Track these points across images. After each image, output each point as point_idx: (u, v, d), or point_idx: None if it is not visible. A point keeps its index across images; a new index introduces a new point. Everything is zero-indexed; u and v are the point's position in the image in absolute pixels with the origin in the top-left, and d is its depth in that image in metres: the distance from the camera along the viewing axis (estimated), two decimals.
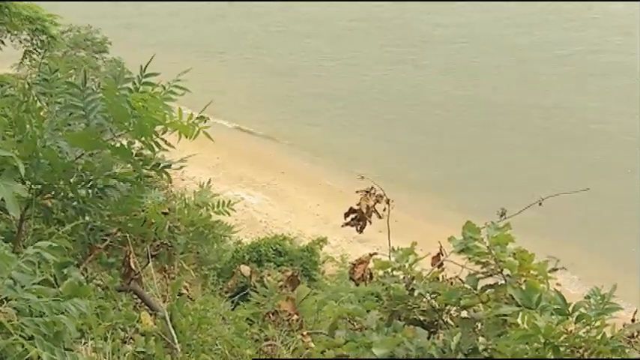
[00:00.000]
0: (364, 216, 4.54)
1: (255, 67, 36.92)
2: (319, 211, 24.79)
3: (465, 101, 32.03)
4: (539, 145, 28.15)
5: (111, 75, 3.99)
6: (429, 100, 32.51)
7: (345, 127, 31.33)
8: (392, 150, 29.09)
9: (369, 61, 36.19)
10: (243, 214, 23.11)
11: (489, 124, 30.19)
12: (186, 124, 3.76)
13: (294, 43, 38.55)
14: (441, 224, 22.37)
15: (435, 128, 30.44)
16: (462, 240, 3.57)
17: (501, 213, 3.94)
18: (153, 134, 3.79)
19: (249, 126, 31.67)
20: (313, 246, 17.44)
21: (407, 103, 32.61)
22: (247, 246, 17.37)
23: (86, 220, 4.32)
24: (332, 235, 20.93)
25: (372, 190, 4.56)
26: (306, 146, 29.82)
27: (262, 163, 28.42)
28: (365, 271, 4.36)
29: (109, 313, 4.16)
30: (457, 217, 23.63)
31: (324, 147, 29.67)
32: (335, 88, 34.25)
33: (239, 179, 27.24)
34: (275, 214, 24.57)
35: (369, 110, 32.38)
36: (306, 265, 16.90)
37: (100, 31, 23.11)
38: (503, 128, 29.92)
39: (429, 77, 34.38)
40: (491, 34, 37.28)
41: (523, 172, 26.05)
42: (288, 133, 30.75)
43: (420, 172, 27.15)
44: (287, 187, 26.62)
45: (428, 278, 3.77)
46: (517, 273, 3.46)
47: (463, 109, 31.50)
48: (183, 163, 4.08)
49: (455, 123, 30.68)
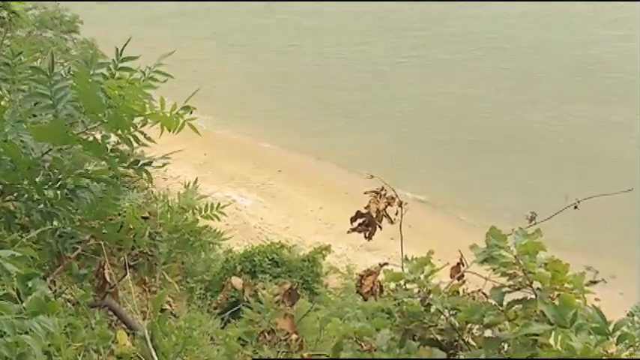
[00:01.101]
0: (374, 221, 4.52)
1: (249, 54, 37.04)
2: (322, 215, 24.82)
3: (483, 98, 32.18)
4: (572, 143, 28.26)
5: (82, 59, 3.98)
6: (441, 95, 32.62)
7: (351, 122, 31.41)
8: (405, 148, 29.15)
9: (374, 55, 36.35)
10: (234, 218, 23.15)
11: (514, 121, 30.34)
12: (170, 115, 3.75)
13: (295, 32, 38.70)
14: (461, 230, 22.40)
15: (452, 125, 30.55)
16: (485, 248, 3.55)
17: (531, 217, 3.92)
18: (131, 127, 3.78)
19: (241, 119, 31.74)
20: (315, 255, 17.46)
21: (418, 98, 32.72)
22: (239, 255, 17.39)
23: (54, 226, 4.32)
24: (336, 242, 20.95)
25: (383, 191, 4.54)
26: (306, 141, 29.86)
27: (256, 161, 28.46)
28: (374, 284, 4.35)
29: (80, 332, 4.15)
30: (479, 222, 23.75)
31: (327, 143, 29.72)
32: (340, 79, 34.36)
33: (230, 178, 27.28)
34: (271, 218, 24.60)
35: (379, 105, 32.48)
36: (306, 277, 16.91)
37: (69, 9, 23.08)
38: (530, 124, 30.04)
39: (440, 74, 34.59)
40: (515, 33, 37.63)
41: (556, 173, 26.11)
42: (285, 127, 30.83)
43: (437, 171, 27.22)
44: (285, 188, 26.65)
45: (446, 292, 3.75)
46: (549, 286, 3.44)
47: (481, 105, 31.64)
48: (166, 160, 4.07)
49: (474, 119, 30.78)
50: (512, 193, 24.93)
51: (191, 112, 3.83)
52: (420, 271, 3.80)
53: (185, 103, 3.83)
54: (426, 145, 29.25)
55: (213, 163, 28.22)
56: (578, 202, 4.21)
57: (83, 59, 3.92)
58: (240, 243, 20.76)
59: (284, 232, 23.45)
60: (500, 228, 3.61)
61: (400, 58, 36.16)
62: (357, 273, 4.62)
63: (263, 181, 27.12)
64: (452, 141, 29.39)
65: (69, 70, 4.04)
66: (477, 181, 26.64)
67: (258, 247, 17.71)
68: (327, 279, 18.05)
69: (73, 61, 3.87)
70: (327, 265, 18.37)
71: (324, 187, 26.58)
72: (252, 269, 16.91)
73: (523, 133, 29.64)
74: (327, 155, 28.87)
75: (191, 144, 23.60)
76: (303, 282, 16.77)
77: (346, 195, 24.53)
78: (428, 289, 3.75)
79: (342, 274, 18.16)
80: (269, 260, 17.11)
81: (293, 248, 18.80)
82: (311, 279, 16.99)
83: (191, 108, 3.84)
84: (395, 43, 37.49)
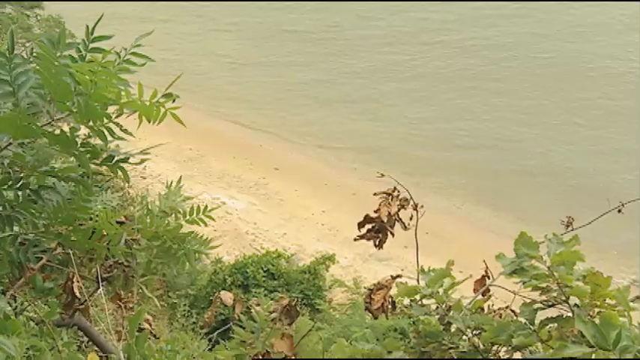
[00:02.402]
0: (385, 226, 4.52)
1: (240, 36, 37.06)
2: (325, 219, 24.85)
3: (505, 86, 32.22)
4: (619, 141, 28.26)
5: (47, 38, 3.98)
6: (461, 84, 32.65)
7: (358, 112, 31.42)
8: (419, 142, 29.15)
9: (378, 44, 36.42)
10: (224, 223, 23.19)
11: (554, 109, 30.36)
12: (149, 103, 3.76)
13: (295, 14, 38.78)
14: (485, 237, 22.38)
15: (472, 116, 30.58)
16: (514, 258, 3.56)
17: (567, 222, 3.92)
18: (104, 117, 3.78)
19: (232, 110, 31.77)
20: (317, 266, 17.51)
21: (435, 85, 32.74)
22: (230, 266, 17.45)
23: (15, 232, 4.32)
24: (342, 251, 21.00)
25: (396, 191, 4.54)
26: (307, 135, 29.87)
27: (250, 157, 28.50)
28: (385, 300, 4.36)
29: (45, 355, 4.16)
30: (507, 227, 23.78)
31: (330, 137, 29.74)
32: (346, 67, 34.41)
33: (219, 177, 27.33)
34: (266, 223, 24.63)
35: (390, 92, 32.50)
36: (307, 292, 16.96)
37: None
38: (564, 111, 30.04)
39: (455, 60, 34.65)
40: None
41: (595, 173, 26.09)
42: (283, 119, 30.85)
43: (456, 170, 27.19)
44: (282, 189, 26.68)
45: (469, 309, 3.76)
46: (589, 302, 3.45)
47: (506, 94, 31.67)
48: (146, 155, 4.07)
49: (499, 108, 30.81)
50: (547, 194, 24.93)
51: (174, 99, 3.84)
52: (438, 285, 3.81)
53: (167, 89, 3.83)
54: (446, 139, 29.25)
55: (199, 159, 28.29)
56: (622, 205, 4.20)
57: (48, 39, 3.92)
58: (231, 252, 20.83)
59: (281, 239, 23.48)
60: (531, 234, 3.62)
61: (417, 45, 36.17)
62: (365, 287, 4.63)
63: (257, 181, 27.16)
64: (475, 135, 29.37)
65: (31, 51, 4.04)
66: (505, 179, 26.63)
67: (251, 257, 17.77)
68: (330, 293, 18.11)
69: (36, 41, 3.86)
70: (330, 278, 18.41)
71: (328, 188, 26.61)
72: (245, 282, 16.95)
73: (562, 125, 29.61)
74: (330, 151, 28.89)
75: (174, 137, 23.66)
76: (303, 297, 16.82)
77: (353, 196, 24.56)
78: (448, 305, 3.76)
79: (349, 288, 18.21)
80: (264, 272, 17.15)
81: (292, 258, 18.87)
82: (312, 293, 17.04)
83: (174, 95, 3.84)
84: (405, 29, 37.53)
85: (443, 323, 3.72)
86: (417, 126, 30.20)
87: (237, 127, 30.81)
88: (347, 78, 33.66)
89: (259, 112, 31.57)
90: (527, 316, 3.55)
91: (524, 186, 26.11)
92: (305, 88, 33.45)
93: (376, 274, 19.63)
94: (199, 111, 29.34)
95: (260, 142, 29.82)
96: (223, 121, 30.99)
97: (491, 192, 25.93)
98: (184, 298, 16.95)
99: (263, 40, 36.94)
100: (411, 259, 21.26)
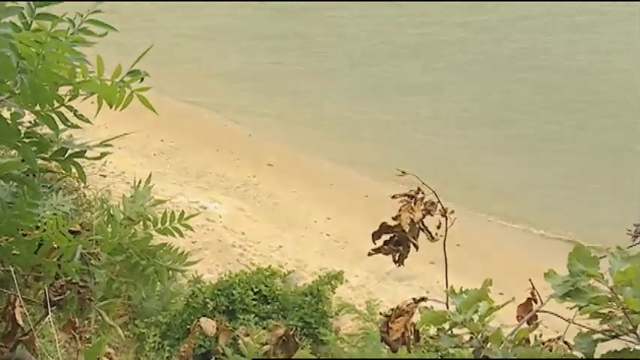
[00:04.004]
0: (406, 237, 4.52)
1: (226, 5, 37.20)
2: (330, 228, 24.87)
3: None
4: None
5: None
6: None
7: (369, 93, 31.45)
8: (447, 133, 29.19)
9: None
10: (205, 233, 23.22)
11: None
12: (111, 83, 3.76)
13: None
14: (531, 251, 22.34)
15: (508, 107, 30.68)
16: (567, 277, 3.55)
17: (635, 233, 3.92)
18: (54, 100, 3.78)
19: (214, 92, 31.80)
20: (321, 286, 17.52)
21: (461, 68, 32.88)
22: (212, 286, 17.45)
23: None
24: (352, 268, 21.01)
25: (420, 193, 4.54)
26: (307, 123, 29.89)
27: (237, 150, 28.54)
28: (407, 329, 4.35)
29: None
30: (558, 239, 23.61)
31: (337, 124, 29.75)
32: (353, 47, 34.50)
33: (198, 176, 27.37)
34: (257, 233, 24.64)
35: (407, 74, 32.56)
36: (308, 319, 16.97)
37: None
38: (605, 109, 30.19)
39: (482, 42, 34.96)
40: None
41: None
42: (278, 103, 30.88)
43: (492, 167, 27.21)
44: (277, 190, 26.70)
45: (511, 340, 3.75)
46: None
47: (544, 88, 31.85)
48: (107, 148, 4.08)
49: (536, 101, 30.95)
50: (607, 198, 24.91)
51: (142, 78, 3.83)
52: (472, 310, 3.80)
53: (134, 65, 3.83)
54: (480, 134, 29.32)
55: (173, 153, 28.33)
56: None
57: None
58: (213, 269, 20.86)
59: (276, 253, 23.49)
60: (589, 246, 3.61)
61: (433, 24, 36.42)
62: (381, 312, 4.62)
63: (245, 180, 27.17)
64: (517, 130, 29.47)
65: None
66: (554, 179, 26.63)
67: (238, 275, 17.76)
68: (338, 321, 18.10)
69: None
70: (338, 302, 18.41)
71: (334, 189, 26.64)
72: (231, 307, 16.96)
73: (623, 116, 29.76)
74: (337, 142, 28.90)
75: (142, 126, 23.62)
76: (303, 325, 16.83)
77: (366, 199, 24.60)
78: (484, 336, 3.75)
79: (360, 315, 18.20)
80: (254, 294, 17.16)
81: (289, 276, 18.86)
82: (315, 321, 17.04)
83: (143, 73, 3.84)
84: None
85: (478, 358, 3.71)
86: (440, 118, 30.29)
87: (221, 113, 30.83)
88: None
89: (247, 93, 31.59)
90: (584, 349, 3.54)
91: (580, 189, 26.10)
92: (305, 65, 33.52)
93: (395, 296, 19.62)
94: (174, 93, 29.33)
95: (249, 130, 29.83)
96: (203, 107, 31.01)
97: (540, 195, 25.92)
98: (154, 327, 16.95)
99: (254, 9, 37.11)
100: (438, 277, 21.27)
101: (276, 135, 29.32)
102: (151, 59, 3.82)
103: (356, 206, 24.50)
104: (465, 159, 27.79)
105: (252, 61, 34.22)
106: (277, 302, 17.29)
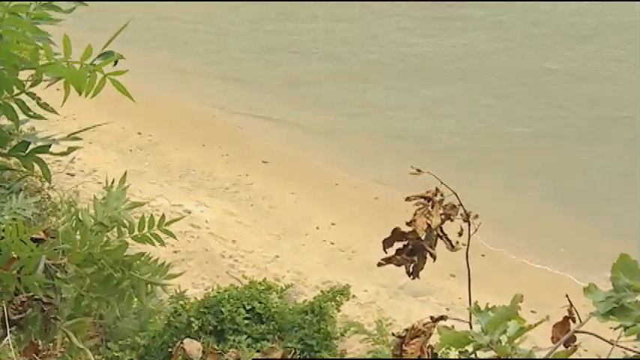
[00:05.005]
0: (422, 245, 4.51)
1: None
2: (335, 235, 24.94)
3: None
4: None
5: None
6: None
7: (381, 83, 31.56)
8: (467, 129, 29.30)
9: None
10: (189, 241, 23.27)
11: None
12: (80, 66, 3.75)
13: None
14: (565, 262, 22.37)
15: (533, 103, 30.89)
16: (610, 292, 3.54)
17: None
18: (14, 86, 3.77)
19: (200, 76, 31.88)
20: (324, 303, 17.53)
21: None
22: (197, 303, 17.48)
23: None
24: (359, 281, 21.07)
25: (438, 194, 4.52)
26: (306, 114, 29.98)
27: (226, 145, 28.59)
28: (424, 352, 4.35)
29: None
30: (598, 248, 23.80)
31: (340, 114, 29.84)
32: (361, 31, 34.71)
33: (181, 175, 27.44)
34: (250, 241, 24.71)
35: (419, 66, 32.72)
36: (309, 340, 17.00)
37: None
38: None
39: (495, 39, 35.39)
40: None
41: None
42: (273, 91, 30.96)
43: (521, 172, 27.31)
44: (273, 191, 26.77)
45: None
46: None
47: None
48: (75, 142, 4.07)
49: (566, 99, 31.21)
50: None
51: (117, 61, 3.83)
52: (500, 330, 3.79)
53: (107, 45, 3.82)
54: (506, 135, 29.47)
55: (153, 148, 28.37)
56: None
57: None
58: (199, 283, 20.91)
59: (272, 264, 23.54)
60: (636, 258, 3.60)
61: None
62: (394, 333, 4.61)
63: (236, 179, 27.23)
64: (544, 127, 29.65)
65: None
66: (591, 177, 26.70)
67: (228, 290, 17.78)
68: (344, 342, 18.14)
69: None
70: (343, 320, 18.44)
71: (339, 189, 26.70)
72: (219, 326, 16.99)
73: None
74: (341, 135, 28.98)
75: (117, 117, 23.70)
76: (303, 348, 16.85)
77: (375, 202, 24.66)
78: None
79: (369, 335, 18.26)
80: (246, 311, 17.19)
81: (287, 291, 18.89)
82: (317, 343, 17.07)
83: (117, 55, 3.84)
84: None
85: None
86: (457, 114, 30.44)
87: (208, 103, 30.89)
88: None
89: (239, 77, 31.66)
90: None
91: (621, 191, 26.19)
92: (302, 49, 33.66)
93: (409, 314, 19.67)
94: (153, 78, 29.38)
95: (240, 123, 29.88)
96: (188, 94, 31.05)
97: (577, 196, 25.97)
98: (130, 350, 16.96)
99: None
100: (460, 293, 21.21)
101: (271, 128, 29.39)
102: (126, 39, 3.81)
103: (364, 210, 24.56)
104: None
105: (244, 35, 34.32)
106: (273, 321, 17.31)
